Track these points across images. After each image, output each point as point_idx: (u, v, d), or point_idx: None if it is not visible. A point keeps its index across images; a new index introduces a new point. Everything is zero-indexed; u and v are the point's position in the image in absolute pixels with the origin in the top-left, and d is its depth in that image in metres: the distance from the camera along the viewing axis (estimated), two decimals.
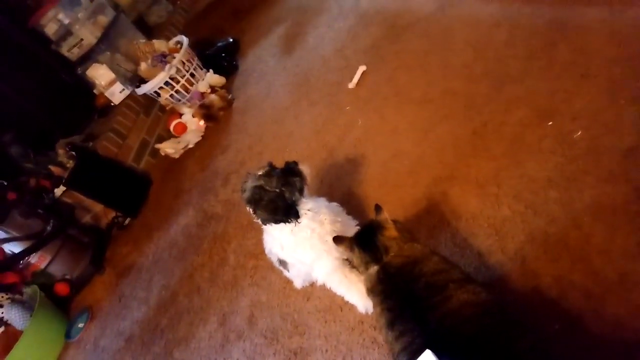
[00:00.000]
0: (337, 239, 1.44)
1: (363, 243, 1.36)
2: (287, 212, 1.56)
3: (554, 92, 1.78)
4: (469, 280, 1.18)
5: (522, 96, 1.88)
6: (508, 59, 2.06)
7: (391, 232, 1.34)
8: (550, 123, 1.70)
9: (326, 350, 1.71)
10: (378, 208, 1.42)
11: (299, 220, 1.58)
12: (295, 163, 1.63)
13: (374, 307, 1.27)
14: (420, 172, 1.99)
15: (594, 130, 1.58)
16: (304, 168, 1.63)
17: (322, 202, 1.72)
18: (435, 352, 0.95)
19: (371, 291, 1.29)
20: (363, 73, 2.75)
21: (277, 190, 1.54)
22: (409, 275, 1.21)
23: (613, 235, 1.34)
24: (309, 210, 1.62)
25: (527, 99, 1.85)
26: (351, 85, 2.73)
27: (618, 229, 1.35)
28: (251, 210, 1.61)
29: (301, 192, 1.60)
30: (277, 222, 1.58)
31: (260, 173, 1.59)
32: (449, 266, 1.24)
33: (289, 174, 1.59)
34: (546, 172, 1.60)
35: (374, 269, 1.30)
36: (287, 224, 1.58)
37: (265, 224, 1.61)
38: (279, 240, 1.68)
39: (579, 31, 1.88)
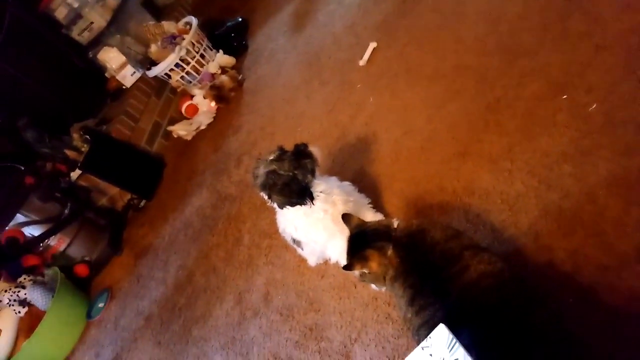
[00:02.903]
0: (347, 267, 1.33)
1: (364, 243, 1.32)
2: (302, 195, 1.57)
3: (569, 64, 1.75)
4: (482, 248, 1.19)
5: (536, 69, 1.84)
6: (521, 32, 2.01)
7: (374, 221, 1.38)
8: (565, 96, 1.67)
9: (341, 326, 1.73)
10: (345, 217, 1.44)
11: (313, 202, 1.60)
12: (305, 145, 1.64)
13: (396, 291, 1.23)
14: (432, 148, 1.98)
15: (609, 103, 1.55)
16: (314, 150, 1.64)
17: (334, 182, 1.73)
18: (454, 325, 0.96)
19: (395, 278, 1.24)
20: (374, 50, 2.71)
21: (290, 173, 1.55)
22: (422, 246, 1.21)
23: (628, 209, 1.33)
24: (321, 192, 1.63)
25: (540, 72, 1.82)
26: (362, 62, 2.70)
27: (634, 202, 1.33)
28: (265, 195, 1.62)
29: (313, 173, 1.61)
30: (293, 204, 1.59)
31: (271, 158, 1.60)
32: (456, 232, 1.24)
33: (300, 156, 1.60)
34: (560, 146, 1.57)
35: (390, 251, 1.27)
36: (302, 206, 1.59)
37: (282, 208, 1.63)
38: (292, 221, 1.70)
39: (595, 0, 1.83)
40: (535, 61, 1.87)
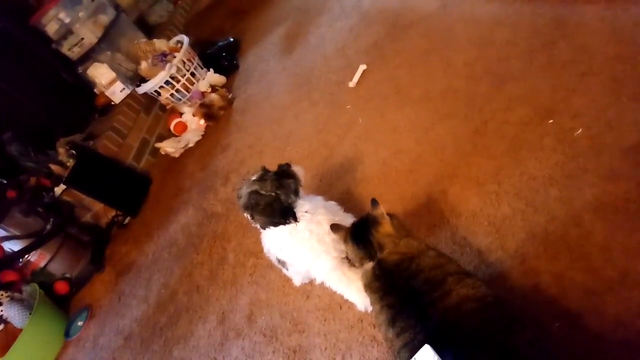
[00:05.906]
0: (334, 227, 1.46)
1: (357, 238, 1.36)
2: (284, 215, 1.56)
3: (555, 90, 1.78)
4: (467, 274, 1.18)
5: (523, 94, 1.87)
6: (509, 58, 2.05)
7: (386, 228, 1.34)
8: (551, 121, 1.70)
9: (325, 348, 1.70)
10: (374, 202, 1.41)
11: (297, 221, 1.58)
12: (288, 165, 1.65)
13: (372, 304, 1.26)
14: (420, 170, 1.98)
15: (595, 128, 1.57)
16: (298, 169, 1.65)
17: (319, 201, 1.72)
18: (436, 347, 0.95)
19: (368, 287, 1.28)
20: (364, 72, 2.74)
21: (273, 194, 1.55)
22: (407, 272, 1.20)
23: (614, 233, 1.34)
24: (306, 212, 1.62)
25: (528, 97, 1.85)
26: (352, 84, 2.72)
27: (619, 227, 1.34)
28: (248, 215, 1.61)
29: (296, 193, 1.61)
30: (275, 225, 1.58)
31: (254, 178, 1.60)
32: (446, 260, 1.24)
33: (283, 176, 1.60)
34: (547, 170, 1.59)
35: (369, 265, 1.30)
36: (285, 225, 1.58)
37: (264, 229, 1.61)
38: (277, 241, 1.69)
39: (580, 29, 1.88)
40: (522, 86, 1.90)
